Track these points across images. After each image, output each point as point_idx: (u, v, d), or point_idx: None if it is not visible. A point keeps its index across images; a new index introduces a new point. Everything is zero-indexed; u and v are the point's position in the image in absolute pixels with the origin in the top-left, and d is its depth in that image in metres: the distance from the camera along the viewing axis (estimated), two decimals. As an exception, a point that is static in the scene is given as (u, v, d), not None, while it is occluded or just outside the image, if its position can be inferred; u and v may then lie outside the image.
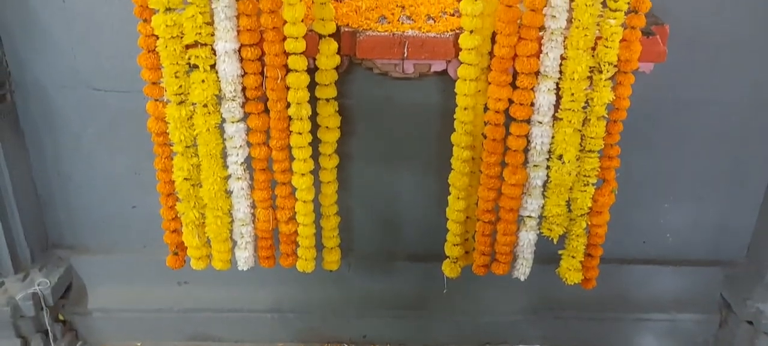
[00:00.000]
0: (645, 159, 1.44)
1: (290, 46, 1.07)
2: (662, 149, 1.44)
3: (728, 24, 1.29)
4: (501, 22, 1.04)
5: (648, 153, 1.43)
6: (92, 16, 1.29)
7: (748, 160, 1.47)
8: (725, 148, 1.45)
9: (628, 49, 1.04)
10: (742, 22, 1.30)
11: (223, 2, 1.03)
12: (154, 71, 1.10)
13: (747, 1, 1.28)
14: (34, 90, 1.38)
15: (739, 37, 1.31)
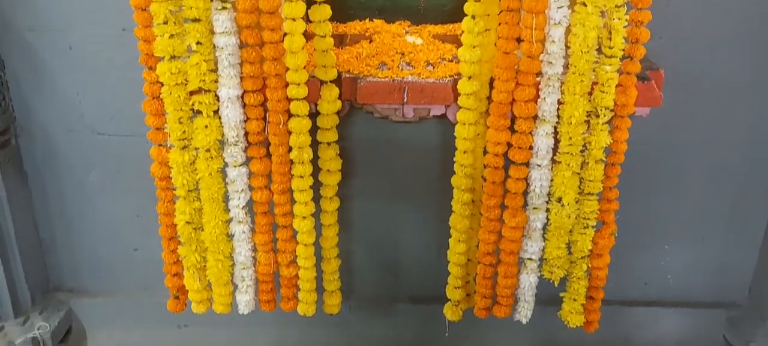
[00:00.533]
0: (644, 201, 1.45)
1: (293, 92, 1.09)
2: (661, 191, 1.45)
3: (723, 68, 1.32)
4: (499, 68, 1.06)
5: (647, 195, 1.44)
6: (98, 61, 1.32)
7: (747, 201, 1.47)
8: (724, 189, 1.46)
9: (624, 94, 1.06)
10: (736, 65, 1.32)
11: (226, 50, 1.05)
12: (159, 117, 1.12)
13: (740, 45, 1.31)
14: (38, 134, 1.40)
15: (734, 80, 1.33)
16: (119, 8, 1.21)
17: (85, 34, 1.31)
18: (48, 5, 1.28)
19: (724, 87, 1.34)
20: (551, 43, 1.02)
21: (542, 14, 1.01)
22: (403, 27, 1.33)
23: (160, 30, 1.03)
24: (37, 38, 1.31)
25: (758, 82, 1.35)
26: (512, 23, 1.03)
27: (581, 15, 1.00)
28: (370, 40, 1.27)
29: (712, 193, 1.46)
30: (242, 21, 1.04)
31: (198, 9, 1.02)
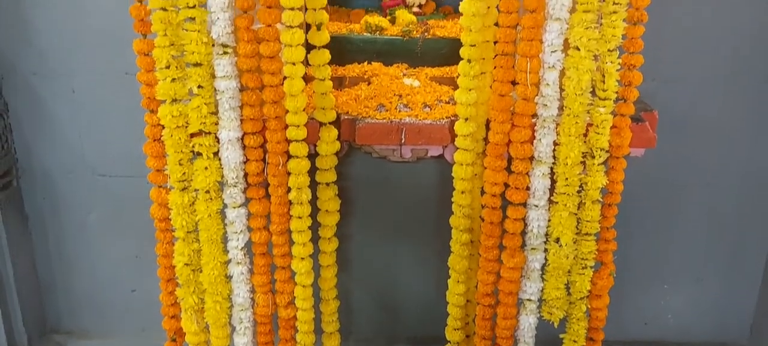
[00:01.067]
0: (643, 241, 1.45)
1: (292, 134, 1.11)
2: (659, 231, 1.46)
3: (715, 108, 1.34)
4: (494, 110, 1.08)
5: (645, 235, 1.45)
6: (100, 104, 1.34)
7: (746, 240, 1.48)
8: (722, 229, 1.46)
9: (618, 136, 1.08)
10: (729, 106, 1.34)
11: (227, 94, 1.07)
12: (159, 159, 1.13)
13: (732, 86, 1.33)
14: (40, 176, 1.42)
15: (727, 120, 1.35)
16: (122, 52, 1.23)
17: (89, 78, 1.33)
18: (52, 50, 1.31)
19: (717, 127, 1.36)
20: (546, 86, 1.04)
21: (536, 58, 1.03)
22: (400, 70, 1.36)
23: (163, 74, 1.06)
24: (41, 82, 1.34)
25: (752, 122, 1.36)
26: (507, 67, 1.05)
27: (574, 59, 1.02)
28: (368, 83, 1.29)
29: (710, 232, 1.46)
30: (243, 65, 1.06)
31: (200, 54, 1.04)
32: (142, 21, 1.05)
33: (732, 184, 1.42)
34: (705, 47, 1.31)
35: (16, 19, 1.34)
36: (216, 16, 1.03)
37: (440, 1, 1.55)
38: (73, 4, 1.34)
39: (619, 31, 1.01)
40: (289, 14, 1.03)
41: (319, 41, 1.09)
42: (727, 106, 1.35)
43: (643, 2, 1.00)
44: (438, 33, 1.38)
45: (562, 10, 1.00)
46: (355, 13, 1.53)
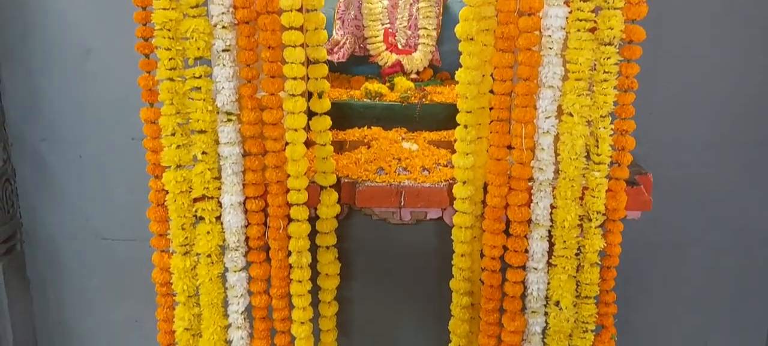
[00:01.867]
0: (644, 304, 1.45)
1: (293, 197, 1.13)
2: (660, 293, 1.45)
3: (709, 170, 1.36)
4: (492, 174, 1.10)
5: (646, 298, 1.45)
6: (106, 170, 1.37)
7: (748, 302, 1.47)
8: (723, 290, 1.46)
9: (614, 199, 1.09)
10: (722, 167, 1.36)
11: (230, 159, 1.10)
12: (162, 224, 1.15)
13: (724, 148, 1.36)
14: (43, 240, 1.43)
15: (721, 181, 1.37)
16: (128, 119, 1.27)
17: (96, 143, 1.37)
18: (61, 117, 1.35)
19: (713, 189, 1.38)
20: (541, 151, 1.07)
21: (531, 124, 1.06)
22: (399, 134, 1.39)
23: (168, 141, 1.09)
24: (48, 148, 1.37)
25: (746, 183, 1.38)
26: (503, 132, 1.08)
27: (568, 124, 1.05)
28: (368, 146, 1.32)
29: (711, 294, 1.46)
30: (246, 132, 1.09)
31: (204, 121, 1.08)
32: (150, 90, 1.09)
33: (731, 245, 1.43)
34: (697, 111, 1.35)
35: (26, 87, 1.39)
36: (221, 85, 1.07)
37: (437, 68, 1.60)
38: (83, 72, 1.39)
39: (610, 98, 1.04)
40: (292, 84, 1.07)
41: (320, 108, 1.13)
42: (721, 168, 1.37)
43: (632, 71, 1.04)
44: (435, 99, 1.42)
45: (555, 78, 1.03)
46: (356, 79, 1.58)
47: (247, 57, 1.05)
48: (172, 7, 1.03)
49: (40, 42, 1.39)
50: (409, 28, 1.56)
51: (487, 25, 1.07)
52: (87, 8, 1.39)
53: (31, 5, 1.38)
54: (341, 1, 1.55)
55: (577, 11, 1.01)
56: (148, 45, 1.06)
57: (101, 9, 1.38)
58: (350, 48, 1.57)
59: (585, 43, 1.01)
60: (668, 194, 1.31)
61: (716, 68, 1.39)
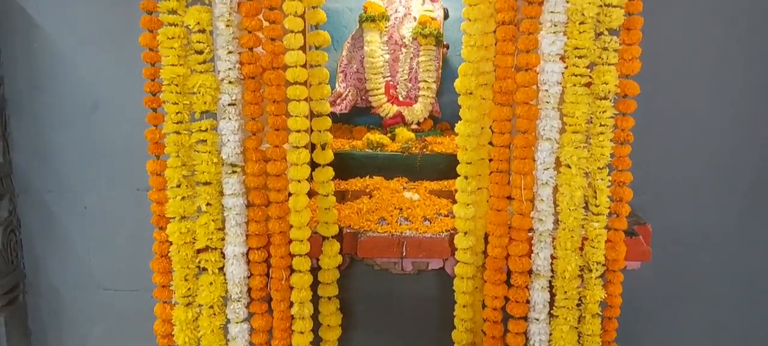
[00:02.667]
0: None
1: (296, 248, 1.14)
2: (663, 344, 1.44)
3: (708, 221, 1.37)
4: (492, 224, 1.11)
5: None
6: (110, 221, 1.38)
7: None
8: (725, 339, 1.45)
9: (613, 250, 1.10)
10: (721, 218, 1.37)
11: (234, 210, 1.11)
12: (165, 275, 1.16)
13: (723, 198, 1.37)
14: (46, 291, 1.43)
15: (721, 233, 1.38)
16: (133, 170, 1.29)
17: (101, 195, 1.38)
18: (68, 168, 1.37)
19: (711, 238, 1.38)
20: (540, 202, 1.08)
21: (530, 175, 1.08)
22: (401, 183, 1.41)
23: (173, 193, 1.10)
24: (54, 199, 1.39)
25: (743, 231, 1.39)
26: (502, 183, 1.10)
27: (566, 176, 1.07)
28: (370, 196, 1.34)
29: (714, 342, 1.45)
30: (251, 183, 1.11)
31: (209, 173, 1.10)
32: (157, 143, 1.11)
33: (731, 293, 1.43)
34: (693, 161, 1.37)
35: (35, 139, 1.41)
36: (226, 138, 1.09)
37: (437, 119, 1.64)
38: (90, 124, 1.42)
39: (607, 151, 1.06)
40: (296, 136, 1.09)
41: (323, 160, 1.15)
42: (719, 216, 1.38)
43: (628, 124, 1.06)
44: (436, 149, 1.45)
45: (552, 131, 1.06)
46: (358, 130, 1.61)
47: (253, 111, 1.08)
48: (180, 63, 1.06)
49: (50, 95, 1.42)
50: (409, 81, 1.60)
51: (485, 80, 1.10)
52: (96, 63, 1.43)
53: (42, 59, 1.42)
54: (344, 55, 1.59)
55: (572, 67, 1.04)
56: (155, 99, 1.09)
57: (109, 64, 1.42)
58: (353, 100, 1.60)
59: (581, 97, 1.04)
60: (668, 244, 1.32)
61: (710, 120, 1.42)
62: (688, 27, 1.42)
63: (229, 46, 1.06)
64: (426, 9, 1.56)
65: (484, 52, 1.08)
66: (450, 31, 1.60)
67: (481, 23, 1.06)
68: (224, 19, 1.05)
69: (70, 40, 1.41)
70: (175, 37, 1.05)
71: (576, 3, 1.01)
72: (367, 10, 1.54)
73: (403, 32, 1.57)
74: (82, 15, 1.41)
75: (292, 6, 1.05)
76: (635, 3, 1.03)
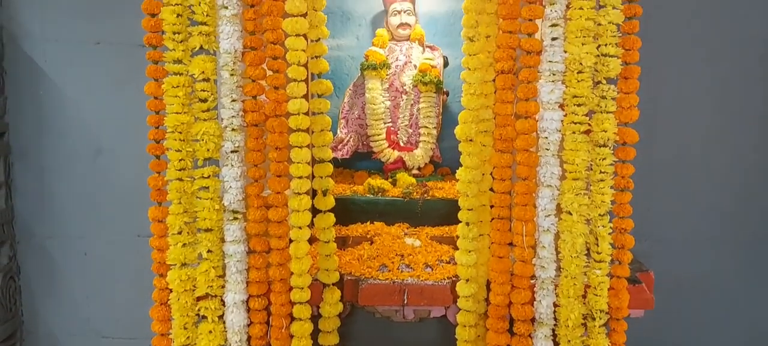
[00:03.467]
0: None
1: (296, 296, 1.13)
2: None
3: (711, 268, 1.36)
4: (494, 272, 1.11)
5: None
6: (110, 267, 1.38)
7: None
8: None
9: (616, 298, 1.09)
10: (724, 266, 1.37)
11: (235, 257, 1.11)
12: (164, 323, 1.14)
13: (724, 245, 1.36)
14: (44, 339, 1.41)
15: (723, 279, 1.37)
16: (135, 216, 1.29)
17: (101, 241, 1.38)
18: (69, 214, 1.38)
19: (713, 286, 1.37)
20: (542, 249, 1.08)
21: (531, 222, 1.08)
22: (402, 229, 1.41)
23: (174, 240, 1.10)
24: (54, 245, 1.39)
25: (745, 279, 1.38)
26: (504, 230, 1.10)
27: (568, 223, 1.07)
28: (371, 242, 1.33)
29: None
30: (252, 230, 1.11)
31: (211, 220, 1.10)
32: (159, 190, 1.12)
33: (734, 342, 1.41)
34: (694, 208, 1.37)
35: (37, 185, 1.42)
36: (229, 185, 1.10)
37: (438, 164, 1.65)
38: (93, 171, 1.43)
39: (607, 198, 1.07)
40: (298, 182, 1.10)
41: (324, 206, 1.15)
42: (722, 265, 1.38)
43: (628, 171, 1.07)
44: (437, 194, 1.45)
45: (553, 178, 1.06)
46: (359, 175, 1.62)
47: (255, 158, 1.09)
48: (184, 111, 1.07)
49: (54, 141, 1.44)
50: (410, 126, 1.61)
51: (485, 127, 1.11)
52: (100, 110, 1.45)
53: (47, 106, 1.44)
54: (346, 102, 1.61)
55: (571, 115, 1.05)
56: (159, 146, 1.10)
57: (113, 111, 1.44)
58: (354, 145, 1.62)
59: (580, 144, 1.05)
60: (670, 292, 1.31)
61: (710, 166, 1.42)
62: (685, 76, 1.44)
63: (233, 94, 1.07)
64: (426, 57, 1.59)
65: (483, 100, 1.09)
66: (450, 78, 1.62)
67: (480, 72, 1.08)
68: (228, 69, 1.07)
69: (76, 88, 1.44)
70: (180, 85, 1.06)
71: (574, 53, 1.03)
72: (369, 58, 1.57)
73: (404, 80, 1.59)
74: (88, 63, 1.44)
75: (295, 56, 1.07)
76: (632, 53, 1.05)
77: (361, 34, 1.67)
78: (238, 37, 1.06)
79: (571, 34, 1.03)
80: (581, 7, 1.02)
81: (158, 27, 1.06)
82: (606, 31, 1.04)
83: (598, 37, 1.04)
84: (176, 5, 1.05)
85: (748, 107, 1.45)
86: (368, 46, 1.60)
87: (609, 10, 1.03)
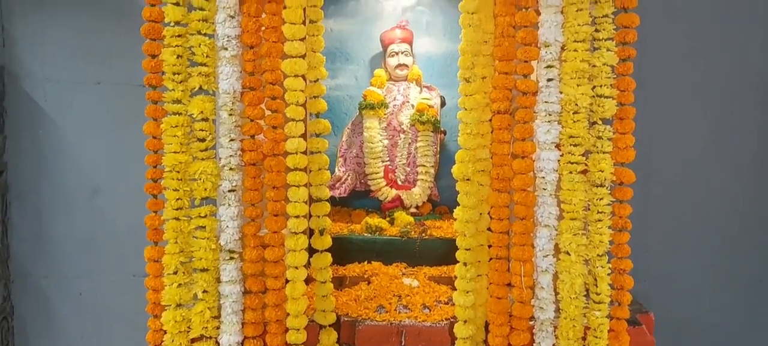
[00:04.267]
0: None
1: (292, 337, 1.11)
2: None
3: (711, 310, 1.35)
4: (492, 313, 1.10)
5: None
6: (105, 308, 1.36)
7: None
8: None
9: (617, 340, 1.08)
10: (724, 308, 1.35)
11: (231, 298, 1.10)
12: (158, 365, 1.13)
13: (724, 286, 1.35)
14: (35, 381, 1.39)
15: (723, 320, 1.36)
16: (131, 256, 1.28)
17: (97, 281, 1.37)
18: (65, 254, 1.37)
19: (716, 329, 1.36)
20: (541, 290, 1.07)
21: (529, 262, 1.07)
22: (400, 269, 1.40)
23: (170, 280, 1.09)
24: (50, 285, 1.37)
25: (745, 320, 1.37)
26: (502, 270, 1.09)
27: (566, 263, 1.06)
28: (368, 282, 1.32)
29: None
30: (248, 270, 1.10)
31: (207, 260, 1.09)
32: (156, 229, 1.11)
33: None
34: (693, 248, 1.36)
35: (34, 225, 1.42)
36: (226, 224, 1.09)
37: (436, 203, 1.65)
38: (90, 211, 1.43)
39: (605, 238, 1.06)
40: (295, 222, 1.10)
41: (321, 245, 1.15)
42: (722, 305, 1.36)
43: (625, 211, 1.07)
44: (435, 233, 1.45)
45: (550, 217, 1.06)
46: (356, 213, 1.62)
47: (252, 197, 1.09)
48: (182, 150, 1.08)
49: (51, 181, 1.44)
50: (408, 165, 1.62)
51: (482, 167, 1.11)
52: (97, 151, 1.45)
53: (46, 145, 1.44)
54: (344, 140, 1.62)
55: (568, 155, 1.06)
56: (156, 186, 1.10)
57: (110, 151, 1.45)
58: (352, 184, 1.62)
59: (577, 184, 1.05)
60: (671, 333, 1.29)
61: (708, 205, 1.42)
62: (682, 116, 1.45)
63: (232, 133, 1.08)
64: (423, 97, 1.60)
65: (480, 140, 1.10)
66: (447, 118, 1.64)
67: (477, 112, 1.09)
68: (227, 108, 1.07)
69: (75, 127, 1.45)
70: (178, 125, 1.07)
71: (569, 93, 1.04)
72: (367, 97, 1.58)
73: (402, 119, 1.60)
74: (88, 102, 1.45)
75: (294, 96, 1.08)
76: (627, 94, 1.06)
77: (359, 75, 1.69)
78: (237, 77, 1.08)
79: (566, 75, 1.05)
80: (576, 49, 1.04)
81: (158, 68, 1.08)
82: (601, 72, 1.05)
83: (593, 79, 1.06)
84: (177, 46, 1.06)
85: (744, 147, 1.45)
86: (366, 86, 1.62)
87: (603, 52, 1.05)
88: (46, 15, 1.43)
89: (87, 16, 1.44)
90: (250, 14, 1.06)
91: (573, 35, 1.04)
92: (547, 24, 1.04)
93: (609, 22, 1.04)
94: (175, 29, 1.06)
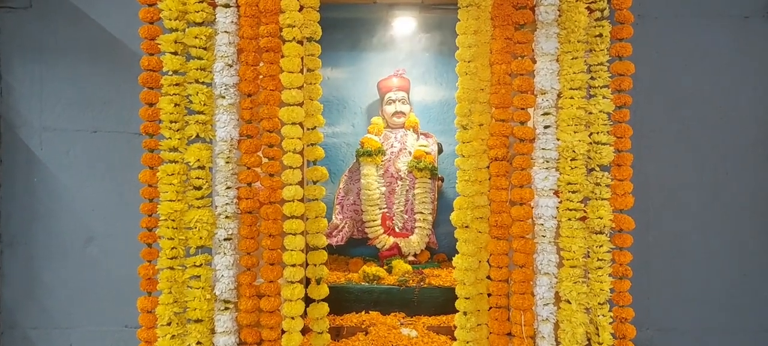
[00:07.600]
0: None
1: (287, 390, 1.08)
2: None
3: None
4: (493, 364, 1.07)
5: None
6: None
7: None
8: None
9: (621, 391, 1.05)
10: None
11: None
12: (149, 420, 1.09)
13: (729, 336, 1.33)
14: None
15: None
16: (123, 306, 1.26)
17: (88, 330, 1.34)
18: (56, 304, 1.34)
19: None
20: (542, 339, 1.05)
21: (530, 311, 1.05)
22: (398, 319, 1.37)
23: (163, 331, 1.07)
24: (39, 336, 1.34)
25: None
26: (502, 319, 1.07)
27: (567, 312, 1.05)
28: (366, 332, 1.30)
29: None
30: (243, 320, 1.08)
31: (201, 310, 1.07)
32: (150, 279, 1.09)
33: None
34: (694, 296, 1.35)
35: (26, 274, 1.39)
36: (221, 273, 1.08)
37: (434, 250, 1.63)
38: (82, 259, 1.41)
39: (606, 286, 1.05)
40: (291, 271, 1.08)
41: (318, 295, 1.13)
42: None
43: (625, 259, 1.06)
44: (433, 282, 1.43)
45: (550, 265, 1.05)
46: (354, 262, 1.60)
47: (248, 245, 1.08)
48: (178, 199, 1.07)
49: (45, 229, 1.42)
50: (405, 212, 1.61)
51: (481, 214, 1.11)
52: (92, 198, 1.44)
53: (39, 194, 1.43)
54: (341, 188, 1.62)
55: (566, 202, 1.05)
56: (151, 235, 1.09)
57: (105, 200, 1.44)
58: (349, 232, 1.61)
59: (577, 231, 1.05)
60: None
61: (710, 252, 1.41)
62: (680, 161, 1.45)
63: (228, 181, 1.07)
64: (421, 144, 1.61)
65: (478, 187, 1.10)
66: (444, 164, 1.64)
67: (474, 159, 1.09)
68: (224, 156, 1.07)
69: (70, 175, 1.44)
70: (174, 173, 1.07)
71: (566, 140, 1.05)
72: (364, 145, 1.58)
73: (399, 166, 1.60)
74: (84, 151, 1.45)
75: (291, 144, 1.08)
76: (624, 141, 1.06)
77: (356, 122, 1.70)
78: (235, 125, 1.08)
79: (563, 122, 1.05)
80: (572, 96, 1.05)
81: (155, 116, 1.08)
82: (597, 119, 1.06)
83: (590, 125, 1.06)
84: (174, 95, 1.07)
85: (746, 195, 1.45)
86: (364, 133, 1.63)
87: (599, 100, 1.06)
88: (44, 65, 1.44)
89: (86, 64, 1.45)
90: (248, 63, 1.07)
91: (569, 83, 1.05)
92: (543, 72, 1.05)
93: (604, 69, 1.06)
94: (173, 78, 1.07)
